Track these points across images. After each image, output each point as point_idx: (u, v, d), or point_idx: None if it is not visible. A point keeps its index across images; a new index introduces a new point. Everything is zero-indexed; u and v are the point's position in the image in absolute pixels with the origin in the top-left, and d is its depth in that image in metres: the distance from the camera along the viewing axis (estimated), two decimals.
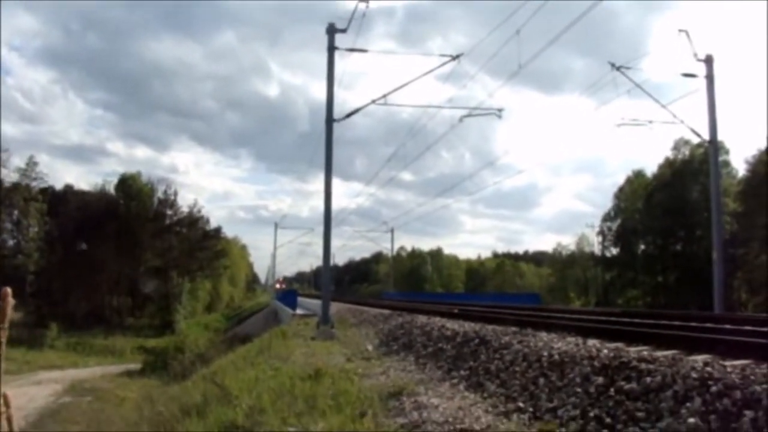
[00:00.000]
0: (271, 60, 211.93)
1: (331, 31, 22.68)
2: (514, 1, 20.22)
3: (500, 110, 25.51)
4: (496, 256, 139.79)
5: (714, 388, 5.70)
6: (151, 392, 25.86)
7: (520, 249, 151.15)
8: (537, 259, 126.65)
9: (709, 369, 6.17)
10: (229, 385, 11.88)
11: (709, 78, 26.18)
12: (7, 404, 1.45)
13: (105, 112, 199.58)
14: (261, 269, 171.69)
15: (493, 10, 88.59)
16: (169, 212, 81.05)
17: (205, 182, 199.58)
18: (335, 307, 29.05)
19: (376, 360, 13.68)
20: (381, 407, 8.22)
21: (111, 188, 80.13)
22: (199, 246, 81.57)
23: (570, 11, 20.42)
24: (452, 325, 14.61)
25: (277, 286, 70.96)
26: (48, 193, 75.38)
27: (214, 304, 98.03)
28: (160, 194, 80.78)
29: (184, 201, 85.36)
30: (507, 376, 9.05)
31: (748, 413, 5.19)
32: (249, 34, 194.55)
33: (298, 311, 39.10)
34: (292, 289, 65.97)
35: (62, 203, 75.35)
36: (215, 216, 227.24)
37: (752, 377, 5.70)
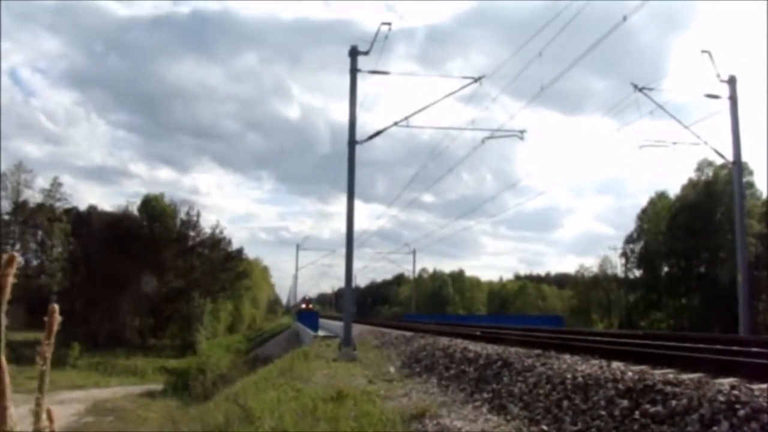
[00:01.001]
0: (292, 81, 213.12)
1: (354, 53, 22.78)
2: (535, 6, 20.31)
3: (522, 132, 25.51)
4: (518, 278, 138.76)
5: (741, 412, 5.64)
6: (172, 413, 25.96)
7: (542, 271, 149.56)
8: (559, 281, 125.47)
9: (735, 392, 6.10)
10: (251, 406, 11.91)
11: (733, 99, 26.01)
12: (51, 419, 1.45)
13: (127, 134, 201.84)
14: (282, 290, 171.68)
15: (514, 30, 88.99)
16: (191, 233, 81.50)
17: (226, 203, 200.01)
18: (357, 328, 29.02)
19: (399, 382, 13.64)
20: (403, 429, 8.20)
21: (134, 209, 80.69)
22: (222, 267, 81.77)
23: (590, 32, 20.45)
24: (475, 347, 14.53)
25: (303, 306, 70.65)
26: (72, 213, 76.16)
27: (236, 325, 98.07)
28: (182, 215, 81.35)
29: (206, 222, 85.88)
30: (530, 399, 9.01)
31: None
32: (270, 56, 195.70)
33: (320, 333, 39.06)
34: (313, 311, 65.72)
35: (86, 224, 76.34)
36: (237, 237, 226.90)
37: None
